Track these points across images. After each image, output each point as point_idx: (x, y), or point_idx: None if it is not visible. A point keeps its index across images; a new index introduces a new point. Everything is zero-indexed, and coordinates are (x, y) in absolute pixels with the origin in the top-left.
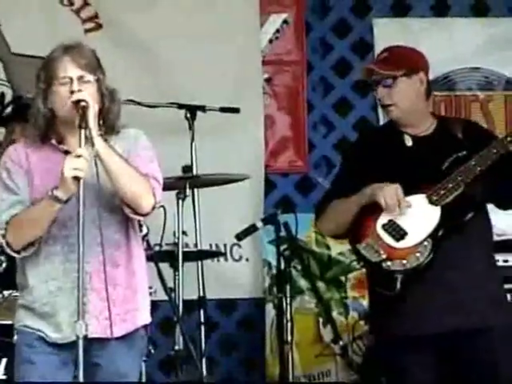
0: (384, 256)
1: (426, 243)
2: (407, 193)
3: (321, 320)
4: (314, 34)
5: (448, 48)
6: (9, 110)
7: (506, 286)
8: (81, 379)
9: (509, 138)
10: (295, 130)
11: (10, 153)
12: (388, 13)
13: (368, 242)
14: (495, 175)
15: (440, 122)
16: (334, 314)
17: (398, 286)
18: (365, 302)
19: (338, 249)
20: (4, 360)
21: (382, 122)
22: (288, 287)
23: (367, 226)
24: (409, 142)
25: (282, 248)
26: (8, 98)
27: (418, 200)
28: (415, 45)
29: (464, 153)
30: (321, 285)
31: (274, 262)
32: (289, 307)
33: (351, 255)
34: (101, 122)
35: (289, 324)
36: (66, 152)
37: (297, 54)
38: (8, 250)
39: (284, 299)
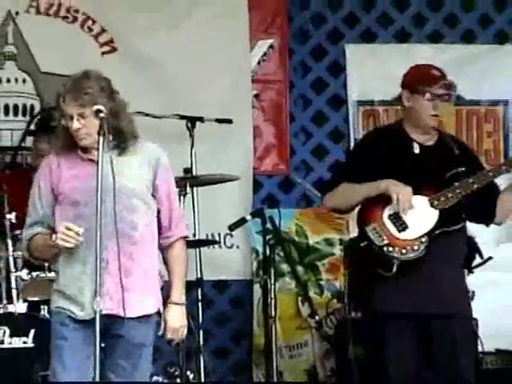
0: (386, 242)
1: (423, 239)
2: (412, 193)
3: (299, 298)
4: (296, 58)
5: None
6: (37, 120)
7: None
8: (97, 350)
9: (504, 167)
10: (279, 138)
11: (43, 167)
12: (358, 40)
13: (374, 226)
14: (473, 195)
15: (439, 134)
16: (311, 293)
17: (395, 269)
18: (337, 283)
19: (315, 238)
20: (32, 330)
21: (352, 133)
22: (272, 271)
23: (375, 213)
24: (416, 150)
25: (267, 237)
26: (37, 110)
27: (421, 201)
28: (381, 67)
29: (463, 169)
30: (300, 269)
31: (260, 249)
32: (273, 287)
33: (326, 244)
34: (110, 139)
35: (273, 302)
36: (90, 160)
37: (281, 74)
38: (32, 260)
39: (269, 281)
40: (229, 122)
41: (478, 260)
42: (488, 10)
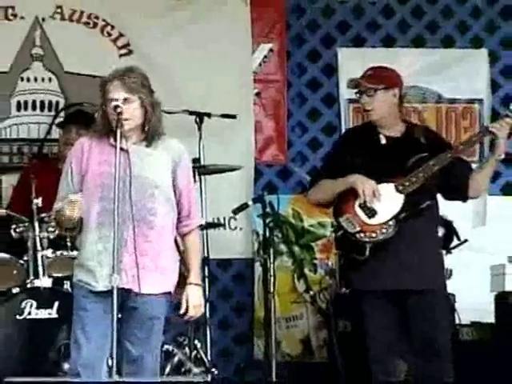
0: (358, 228)
1: (391, 222)
2: (379, 181)
3: (296, 275)
4: (293, 60)
5: None
6: (62, 114)
7: None
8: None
9: (461, 147)
10: (278, 132)
11: (76, 149)
12: (349, 44)
13: (347, 216)
14: (446, 174)
15: (407, 127)
16: (306, 270)
17: (367, 252)
18: (329, 262)
19: (310, 222)
20: (56, 303)
21: (343, 127)
22: (271, 250)
23: (347, 204)
24: (383, 141)
25: (267, 221)
26: (61, 105)
27: (387, 188)
28: None
29: (426, 154)
30: (296, 249)
31: (261, 231)
32: (272, 266)
33: (319, 227)
34: (145, 129)
35: (272, 278)
36: (120, 148)
37: (280, 74)
38: (57, 229)
39: (268, 259)
40: (233, 117)
41: (455, 242)
42: (465, 17)
